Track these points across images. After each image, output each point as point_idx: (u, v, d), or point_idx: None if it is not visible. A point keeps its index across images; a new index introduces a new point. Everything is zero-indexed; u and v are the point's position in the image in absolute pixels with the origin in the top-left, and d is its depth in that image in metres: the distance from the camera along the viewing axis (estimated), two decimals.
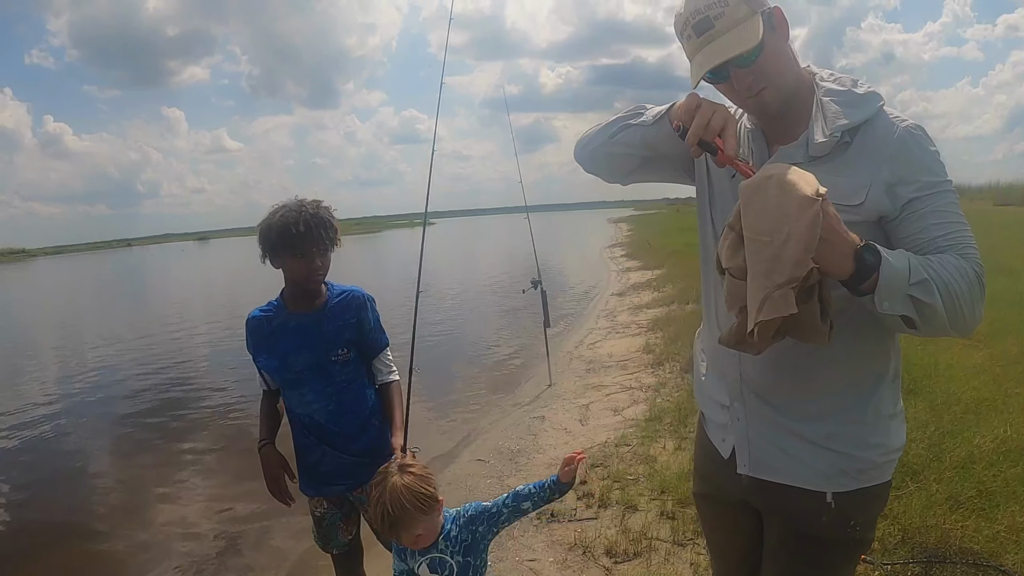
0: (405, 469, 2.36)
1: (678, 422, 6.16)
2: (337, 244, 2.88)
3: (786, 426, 1.80)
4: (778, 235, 1.45)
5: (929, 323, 1.50)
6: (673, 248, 23.76)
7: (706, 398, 2.08)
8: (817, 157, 1.68)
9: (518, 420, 7.27)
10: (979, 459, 4.36)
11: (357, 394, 2.98)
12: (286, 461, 2.97)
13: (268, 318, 2.95)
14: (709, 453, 2.06)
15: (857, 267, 1.47)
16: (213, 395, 10.22)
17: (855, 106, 1.67)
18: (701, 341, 2.15)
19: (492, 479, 5.56)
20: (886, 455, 1.79)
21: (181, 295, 29.75)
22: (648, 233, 38.86)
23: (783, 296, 1.45)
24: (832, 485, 1.77)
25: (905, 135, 1.63)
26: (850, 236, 1.46)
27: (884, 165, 1.62)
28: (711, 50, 1.65)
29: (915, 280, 1.46)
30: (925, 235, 1.58)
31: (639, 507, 4.63)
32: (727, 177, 1.85)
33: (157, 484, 6.88)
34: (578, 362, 9.50)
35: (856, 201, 1.62)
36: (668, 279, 16.59)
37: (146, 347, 14.94)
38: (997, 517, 3.74)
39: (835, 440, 1.76)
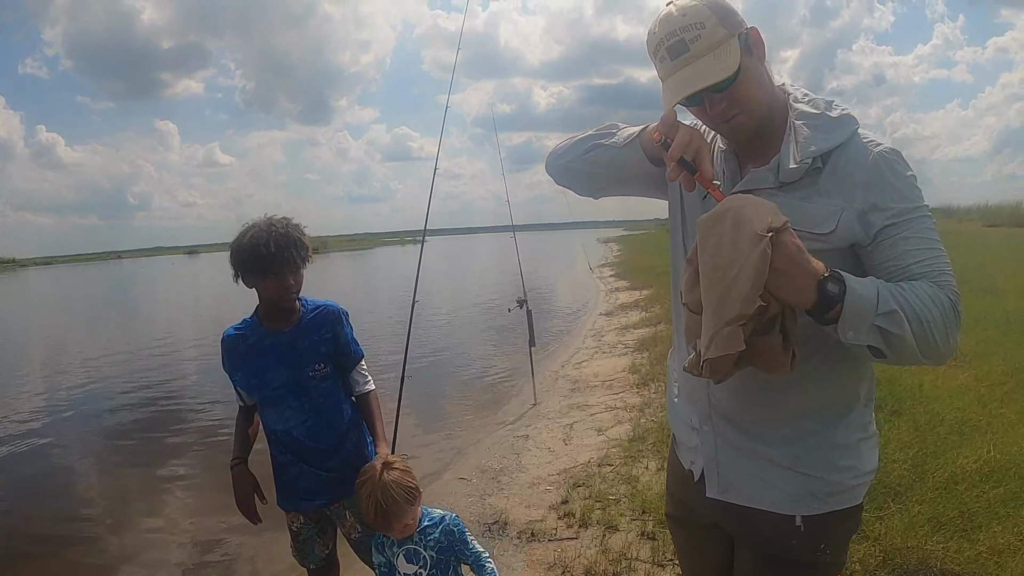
0: (390, 466, 2.61)
1: (661, 442, 6.13)
2: (309, 260, 2.88)
3: (754, 449, 1.79)
4: (730, 271, 1.45)
5: (898, 353, 1.48)
6: (663, 268, 23.77)
7: (677, 419, 2.07)
8: (788, 183, 1.65)
9: (501, 439, 7.24)
10: (962, 480, 4.37)
11: (335, 409, 2.98)
12: (256, 481, 2.95)
13: (243, 336, 2.94)
14: (680, 475, 2.05)
15: (819, 298, 1.44)
16: (199, 408, 10.14)
17: (828, 130, 1.64)
18: (672, 361, 2.14)
19: (474, 497, 5.53)
20: (857, 478, 1.77)
21: (169, 308, 29.67)
22: (637, 250, 38.87)
23: (731, 334, 1.45)
24: (801, 508, 1.75)
25: (879, 160, 1.59)
26: (812, 266, 1.44)
27: (857, 191, 1.59)
28: (686, 76, 1.61)
29: (883, 310, 1.44)
30: (899, 262, 1.56)
31: (620, 527, 4.61)
32: (699, 200, 1.83)
33: (141, 497, 6.82)
34: (564, 381, 9.47)
35: (826, 229, 1.60)
36: (656, 299, 16.59)
37: (133, 360, 14.83)
38: (979, 538, 3.73)
39: (804, 463, 1.74)
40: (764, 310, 1.45)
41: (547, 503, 5.21)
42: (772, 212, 1.45)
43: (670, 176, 1.69)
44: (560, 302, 20.37)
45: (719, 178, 1.79)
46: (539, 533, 4.69)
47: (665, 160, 1.69)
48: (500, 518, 5.01)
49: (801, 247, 1.45)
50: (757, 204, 1.48)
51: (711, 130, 1.84)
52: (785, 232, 1.43)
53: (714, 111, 1.66)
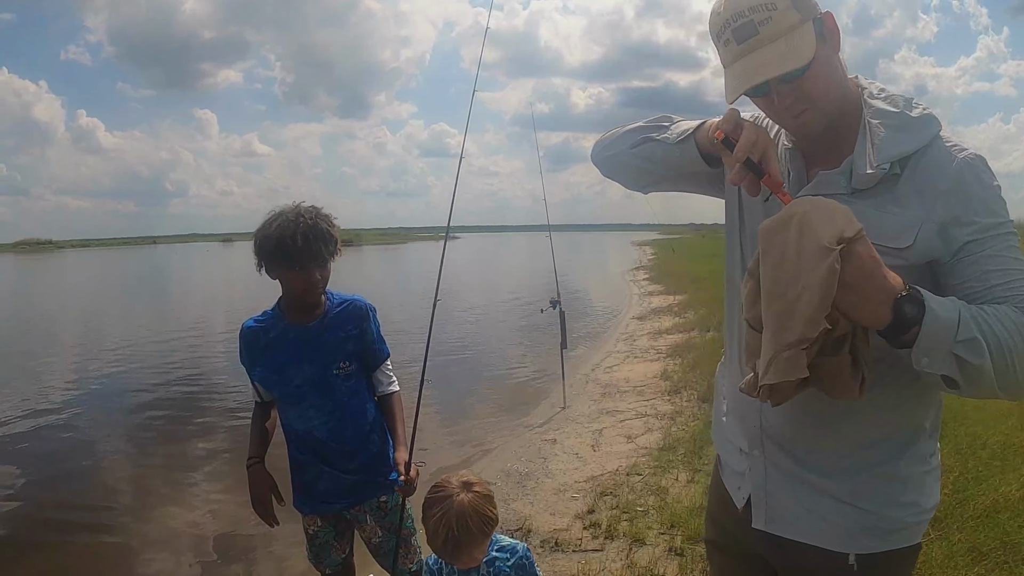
0: (469, 487, 2.27)
1: (692, 453, 5.99)
2: (338, 254, 2.73)
3: (808, 479, 1.64)
4: (792, 288, 1.30)
5: (974, 385, 1.32)
6: (697, 274, 23.58)
7: (724, 440, 1.91)
8: (861, 189, 1.49)
9: (528, 442, 7.12)
10: (1004, 508, 4.16)
11: (359, 408, 2.86)
12: (274, 482, 2.84)
13: (264, 329, 2.81)
14: (723, 500, 1.89)
15: (895, 319, 1.29)
16: (228, 397, 10.14)
17: (908, 131, 1.47)
18: (722, 377, 1.97)
19: (498, 501, 5.36)
20: (918, 515, 1.61)
21: (202, 295, 29.95)
22: (673, 256, 38.67)
23: (792, 358, 1.30)
24: (855, 546, 1.60)
25: (964, 168, 1.43)
26: (889, 282, 1.29)
27: (938, 202, 1.42)
28: (753, 62, 1.45)
29: (963, 337, 1.28)
30: (981, 283, 1.40)
31: (647, 541, 4.46)
32: (760, 202, 1.67)
33: (165, 483, 6.82)
34: (594, 385, 9.33)
35: (903, 244, 1.43)
36: (690, 305, 16.40)
37: (164, 346, 14.96)
38: (1022, 572, 3.54)
39: (862, 497, 1.58)
40: (831, 330, 1.30)
41: (573, 511, 5.08)
42: (845, 218, 1.29)
43: (733, 180, 1.52)
44: (592, 304, 20.23)
45: (784, 180, 1.62)
46: (563, 543, 4.56)
47: (726, 161, 1.54)
48: (524, 525, 4.89)
49: (878, 259, 1.29)
50: (827, 209, 1.32)
51: (775, 125, 1.69)
52: (859, 242, 1.28)
53: (781, 104, 1.50)
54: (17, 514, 6.26)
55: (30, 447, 8.22)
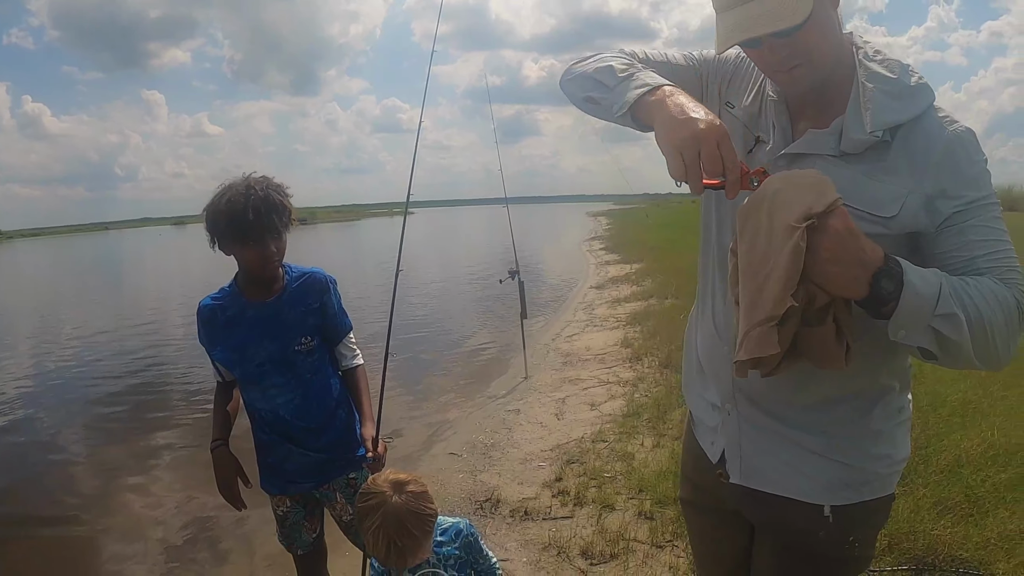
0: (401, 488, 2.09)
1: (656, 418, 6.03)
2: (293, 225, 2.64)
3: (781, 433, 1.64)
4: (763, 268, 1.32)
5: (951, 357, 1.33)
6: (653, 243, 23.73)
7: (695, 396, 1.89)
8: (851, 153, 1.46)
9: (492, 413, 7.10)
10: (966, 463, 4.26)
11: (323, 384, 2.78)
12: (239, 464, 2.75)
13: (222, 307, 2.71)
14: (697, 457, 1.88)
15: (872, 292, 1.28)
16: (187, 383, 9.95)
17: (905, 99, 1.45)
18: (693, 334, 1.93)
19: (465, 473, 5.39)
20: (891, 466, 1.63)
21: (157, 281, 29.43)
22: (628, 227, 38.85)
23: (762, 335, 1.32)
24: (831, 498, 1.61)
25: (953, 141, 1.42)
26: (867, 255, 1.27)
27: (927, 174, 1.41)
28: (747, 13, 1.39)
29: (942, 312, 1.28)
30: (964, 253, 1.39)
31: (616, 506, 4.48)
32: (741, 152, 1.60)
33: (129, 472, 6.65)
34: (555, 355, 9.34)
35: (889, 213, 1.42)
36: (647, 273, 16.50)
37: (120, 333, 14.64)
38: (987, 524, 3.62)
39: (835, 450, 1.59)
40: (811, 301, 1.30)
41: (540, 480, 5.08)
42: (816, 192, 1.28)
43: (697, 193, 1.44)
44: (550, 275, 20.21)
45: (769, 133, 1.59)
46: (533, 511, 4.56)
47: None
48: (492, 495, 4.88)
49: (854, 231, 1.28)
50: (796, 185, 1.31)
51: (760, 74, 1.64)
52: (834, 215, 1.27)
53: (774, 58, 1.46)
54: None
55: None
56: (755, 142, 1.62)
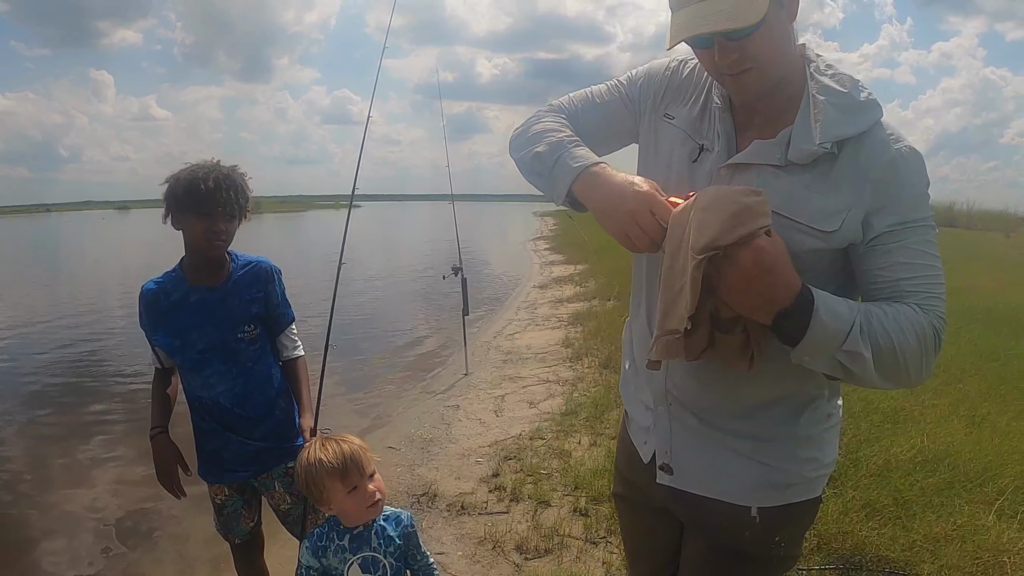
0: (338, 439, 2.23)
1: (594, 418, 6.09)
2: (247, 215, 2.65)
3: (711, 435, 1.68)
4: (678, 282, 1.37)
5: (854, 381, 1.41)
6: (598, 244, 23.84)
7: (630, 396, 1.93)
8: (796, 163, 1.47)
9: (431, 408, 7.09)
10: (896, 468, 4.39)
11: (264, 374, 2.76)
12: (179, 452, 2.73)
13: (166, 291, 2.68)
14: (630, 454, 1.92)
15: (774, 327, 1.35)
16: (125, 370, 9.66)
17: (854, 113, 1.46)
18: (629, 335, 1.96)
19: (403, 467, 5.38)
20: (817, 470, 1.68)
21: (97, 267, 28.61)
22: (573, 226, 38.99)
23: (669, 344, 1.41)
24: (758, 499, 1.65)
25: (897, 159, 1.43)
26: (777, 293, 1.32)
27: (867, 190, 1.43)
28: (701, 11, 1.39)
29: (848, 348, 1.34)
30: (889, 275, 1.43)
31: (552, 502, 4.53)
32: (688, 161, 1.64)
33: (62, 460, 6.45)
34: (496, 352, 9.36)
35: (830, 228, 1.44)
36: (591, 274, 16.59)
37: (56, 320, 14.02)
38: (913, 526, 3.75)
39: (763, 452, 1.63)
40: (718, 312, 1.38)
41: (477, 475, 5.11)
42: (726, 223, 1.30)
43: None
44: (494, 273, 20.27)
45: (713, 141, 1.61)
46: (469, 506, 4.58)
47: None
48: (429, 489, 4.89)
49: (767, 267, 1.30)
50: (719, 208, 1.32)
51: (708, 79, 1.66)
52: (747, 247, 1.29)
53: (723, 60, 1.45)
54: None
55: None
56: (700, 150, 1.62)
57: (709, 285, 1.33)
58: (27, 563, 4.65)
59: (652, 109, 1.74)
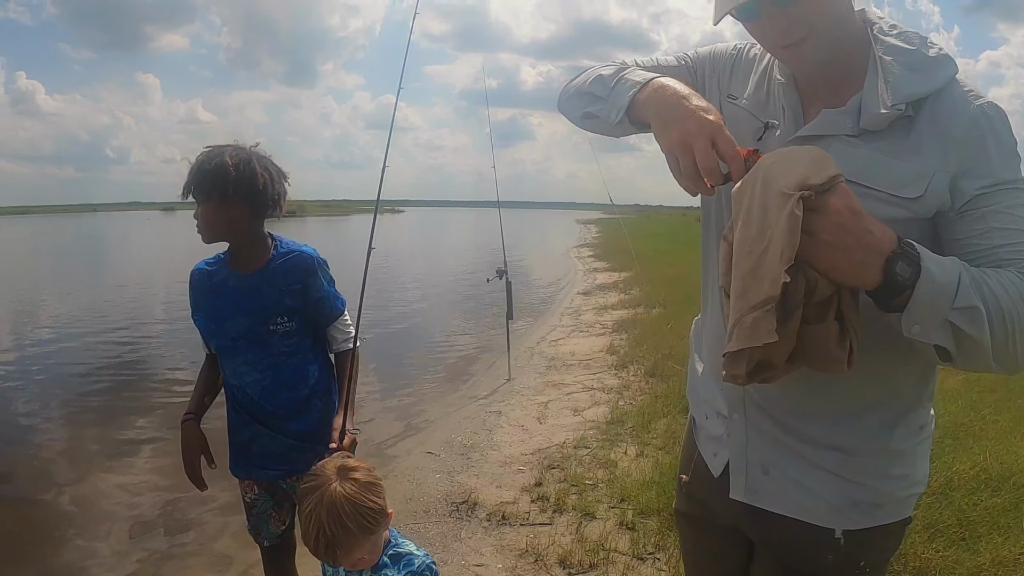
0: (346, 474, 1.91)
1: (640, 427, 5.91)
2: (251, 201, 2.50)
3: (794, 448, 1.50)
4: (758, 244, 1.17)
5: (969, 357, 1.20)
6: (641, 252, 23.71)
7: (699, 402, 1.74)
8: (871, 131, 1.34)
9: (473, 413, 6.97)
10: (958, 486, 4.15)
11: (297, 370, 2.64)
12: (206, 442, 2.63)
13: (210, 273, 2.64)
14: (698, 468, 1.74)
15: (885, 280, 1.16)
16: (166, 367, 9.78)
17: (925, 71, 1.33)
18: (698, 335, 1.80)
19: (442, 474, 5.25)
20: (908, 488, 1.50)
21: (142, 265, 29.17)
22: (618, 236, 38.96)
23: (757, 320, 1.16)
24: (843, 520, 1.48)
25: (979, 116, 1.29)
26: (875, 237, 1.15)
27: (951, 151, 1.29)
28: None
29: (961, 304, 1.15)
30: (984, 241, 1.26)
31: (597, 515, 4.35)
32: (750, 141, 1.49)
33: (102, 452, 6.49)
34: (539, 358, 9.22)
35: (913, 194, 1.30)
36: (635, 282, 16.37)
37: (103, 315, 14.37)
38: (979, 549, 3.52)
39: (851, 467, 1.45)
40: (812, 294, 1.17)
41: (519, 484, 4.94)
42: (813, 165, 1.17)
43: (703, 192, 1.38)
44: (538, 279, 20.17)
45: (779, 117, 1.47)
46: (511, 516, 4.42)
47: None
48: (469, 498, 4.73)
49: (858, 211, 1.15)
50: (790, 157, 1.20)
51: (766, 54, 1.53)
52: (834, 192, 1.15)
53: (774, 29, 1.33)
54: None
55: None
56: (764, 128, 1.50)
57: (799, 256, 1.14)
58: (58, 556, 4.62)
59: (717, 88, 1.63)
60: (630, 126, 1.53)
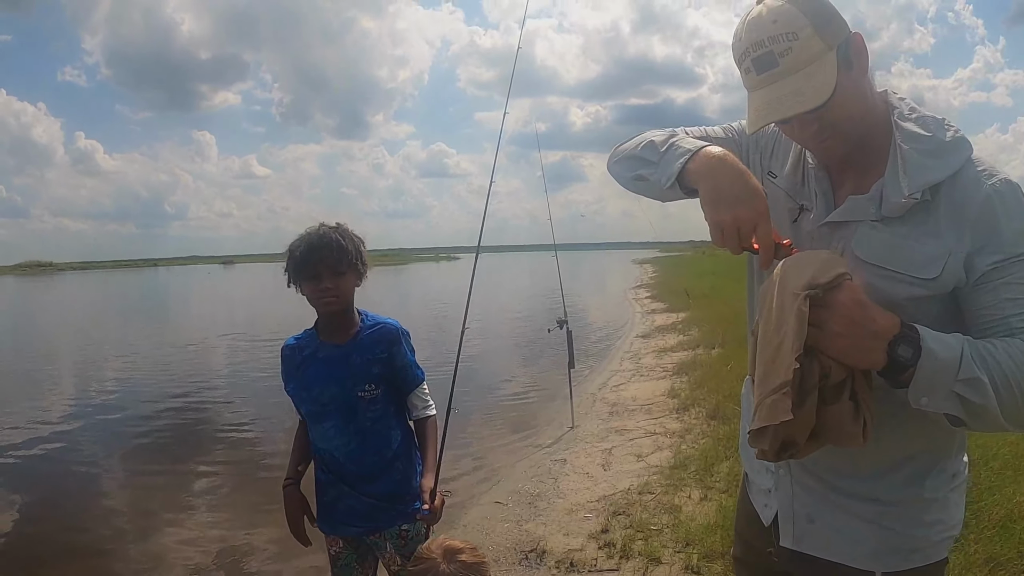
0: (453, 556, 1.97)
1: (703, 470, 5.97)
2: (360, 269, 2.80)
3: (834, 500, 1.64)
4: (776, 337, 1.35)
5: (979, 421, 1.33)
6: (699, 291, 23.55)
7: (750, 457, 1.88)
8: (891, 216, 1.45)
9: (538, 462, 7.09)
10: (1019, 518, 4.14)
11: (382, 434, 2.85)
12: (307, 503, 2.87)
13: (300, 347, 2.88)
14: (750, 517, 1.89)
15: (889, 362, 1.30)
16: (228, 420, 10.17)
17: (941, 156, 1.43)
18: (748, 394, 1.96)
19: (510, 523, 5.39)
20: (943, 532, 1.61)
21: (203, 318, 29.85)
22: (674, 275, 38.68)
23: (775, 402, 1.34)
24: (882, 564, 1.60)
25: (992, 196, 1.39)
26: (879, 324, 1.30)
27: (966, 231, 1.39)
28: (773, 96, 1.43)
29: (964, 376, 1.28)
30: (996, 312, 1.38)
31: (663, 559, 4.44)
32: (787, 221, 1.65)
33: (166, 507, 6.76)
34: (601, 404, 9.30)
35: (931, 275, 1.41)
36: (693, 322, 16.36)
37: (165, 367, 14.96)
38: None
39: (887, 516, 1.59)
40: (827, 377, 1.34)
41: (586, 531, 5.06)
42: (821, 266, 1.34)
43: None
44: (596, 323, 20.12)
45: (812, 200, 1.62)
46: (578, 563, 4.53)
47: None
48: (537, 546, 4.87)
49: (863, 303, 1.32)
50: (803, 259, 1.39)
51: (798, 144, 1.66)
52: (840, 288, 1.31)
53: (804, 133, 1.50)
54: (17, 535, 6.26)
55: (30, 468, 8.27)
56: (799, 211, 1.63)
57: (812, 345, 1.32)
58: None
59: (759, 164, 1.75)
60: (680, 192, 1.61)
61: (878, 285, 1.44)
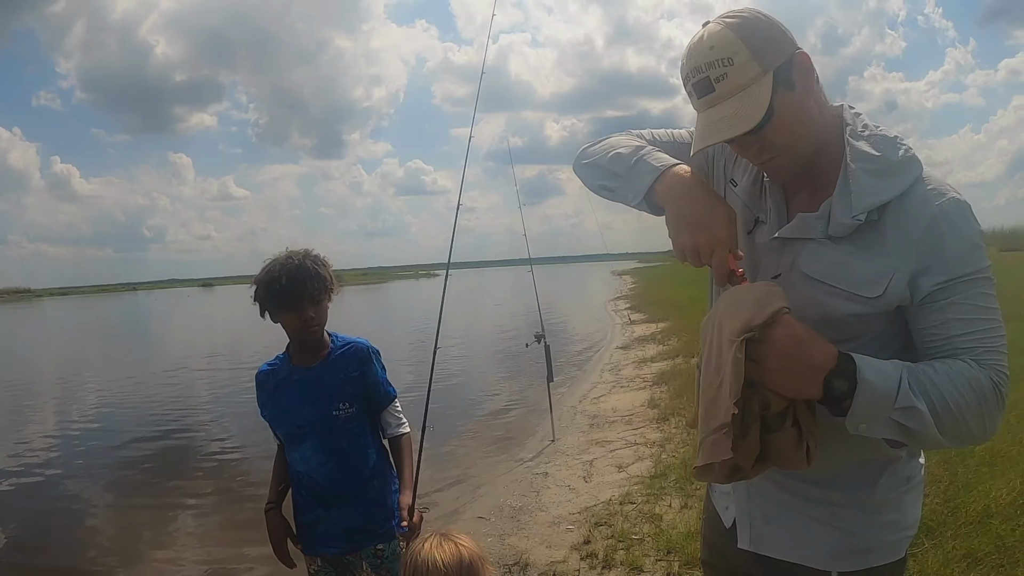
0: (444, 536, 2.06)
1: (684, 479, 6.00)
2: (332, 292, 2.84)
3: (788, 503, 1.68)
4: (715, 378, 1.41)
5: (919, 443, 1.41)
6: (678, 301, 23.61)
7: None
8: (838, 236, 1.47)
9: (520, 476, 7.11)
10: (996, 513, 4.23)
11: (359, 454, 2.89)
12: (289, 526, 2.90)
13: (274, 371, 2.92)
14: (714, 521, 1.93)
15: (826, 394, 1.34)
16: (212, 444, 10.11)
17: (890, 176, 1.43)
18: None
19: (493, 537, 5.41)
20: (897, 532, 1.65)
21: (183, 341, 29.67)
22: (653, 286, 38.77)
23: (716, 442, 1.40)
24: (838, 564, 1.63)
25: (938, 216, 1.39)
26: (816, 358, 1.33)
27: (911, 251, 1.40)
28: (711, 119, 1.46)
29: (902, 405, 1.32)
30: (942, 332, 1.41)
31: (644, 568, 4.49)
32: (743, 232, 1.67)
33: (151, 533, 6.76)
34: (582, 417, 9.34)
35: (874, 293, 1.43)
36: (673, 332, 16.44)
37: (147, 393, 14.85)
38: (1018, 574, 3.60)
39: (840, 518, 1.62)
40: (767, 407, 1.38)
41: (569, 543, 5.09)
42: (755, 306, 1.37)
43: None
44: (576, 335, 20.20)
45: (765, 214, 1.65)
46: (561, 575, 4.56)
47: None
48: (521, 559, 4.89)
49: (799, 338, 1.34)
50: (738, 299, 1.42)
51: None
52: (777, 325, 1.34)
53: (747, 154, 1.54)
54: (3, 565, 6.21)
55: (13, 499, 8.20)
56: (755, 223, 1.66)
57: (752, 379, 1.36)
58: None
59: (722, 170, 1.79)
60: (647, 208, 1.66)
61: (823, 301, 1.48)
